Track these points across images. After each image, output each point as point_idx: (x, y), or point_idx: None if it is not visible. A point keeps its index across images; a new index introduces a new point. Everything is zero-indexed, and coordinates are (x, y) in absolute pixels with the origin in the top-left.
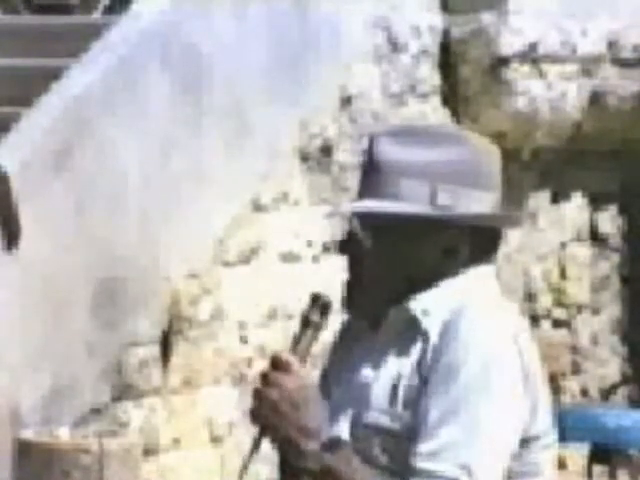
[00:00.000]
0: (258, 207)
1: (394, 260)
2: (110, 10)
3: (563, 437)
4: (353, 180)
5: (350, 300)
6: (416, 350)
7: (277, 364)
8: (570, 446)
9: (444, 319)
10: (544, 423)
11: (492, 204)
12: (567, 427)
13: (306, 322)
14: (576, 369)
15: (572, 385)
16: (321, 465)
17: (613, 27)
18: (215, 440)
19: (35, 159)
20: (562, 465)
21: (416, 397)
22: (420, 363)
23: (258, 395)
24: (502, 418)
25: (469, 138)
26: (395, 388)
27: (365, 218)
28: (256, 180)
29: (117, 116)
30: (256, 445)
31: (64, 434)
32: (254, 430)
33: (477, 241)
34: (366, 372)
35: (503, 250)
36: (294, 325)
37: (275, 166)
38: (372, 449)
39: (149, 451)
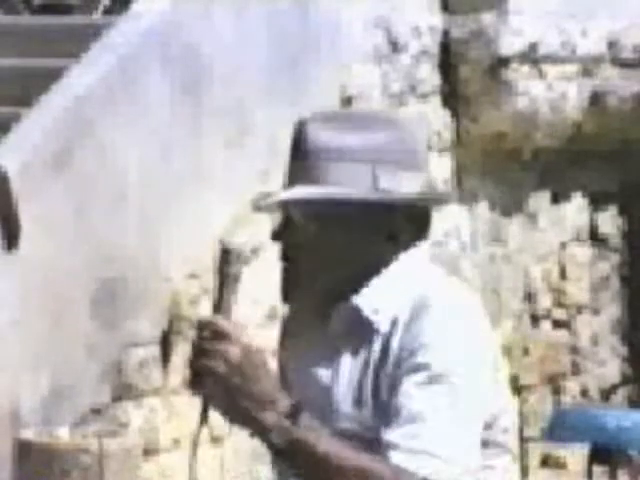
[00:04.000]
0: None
1: (336, 249)
2: (110, 10)
3: (563, 437)
4: None
5: (289, 292)
6: (376, 348)
7: (211, 330)
8: (570, 446)
9: (400, 315)
10: (504, 403)
11: (424, 185)
12: (567, 427)
13: (223, 276)
14: (576, 369)
15: (572, 385)
16: (287, 438)
17: (613, 27)
18: (215, 440)
19: (35, 159)
20: (562, 465)
21: (385, 398)
22: (385, 356)
23: (199, 366)
24: (477, 398)
25: (396, 119)
26: (359, 392)
27: (306, 205)
28: (256, 180)
29: (117, 116)
30: (203, 417)
31: (64, 434)
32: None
33: (415, 224)
34: (322, 373)
35: (503, 250)
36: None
37: (275, 166)
38: None
39: (149, 451)
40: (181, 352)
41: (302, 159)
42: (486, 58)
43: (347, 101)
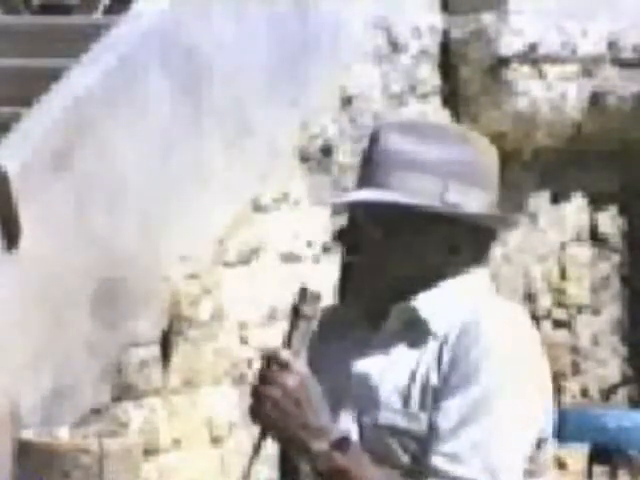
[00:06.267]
0: (258, 207)
1: (398, 254)
2: (110, 10)
3: (563, 437)
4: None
5: (345, 291)
6: (429, 351)
7: (274, 361)
8: (570, 446)
9: (461, 320)
10: (551, 424)
11: (492, 205)
12: (567, 427)
13: (297, 315)
14: (576, 369)
15: (572, 385)
16: (331, 465)
17: (613, 28)
18: (215, 440)
19: (35, 159)
20: (562, 465)
21: (433, 398)
22: (437, 364)
23: (257, 393)
24: (523, 420)
25: (471, 137)
26: (409, 388)
27: (372, 209)
28: (256, 180)
29: (117, 116)
30: (259, 445)
31: (64, 434)
32: (255, 431)
33: (478, 242)
34: (368, 370)
35: (503, 250)
36: None
37: (275, 166)
38: (391, 450)
39: (149, 451)
40: (181, 352)
41: (374, 164)
42: (486, 58)
43: (347, 101)
